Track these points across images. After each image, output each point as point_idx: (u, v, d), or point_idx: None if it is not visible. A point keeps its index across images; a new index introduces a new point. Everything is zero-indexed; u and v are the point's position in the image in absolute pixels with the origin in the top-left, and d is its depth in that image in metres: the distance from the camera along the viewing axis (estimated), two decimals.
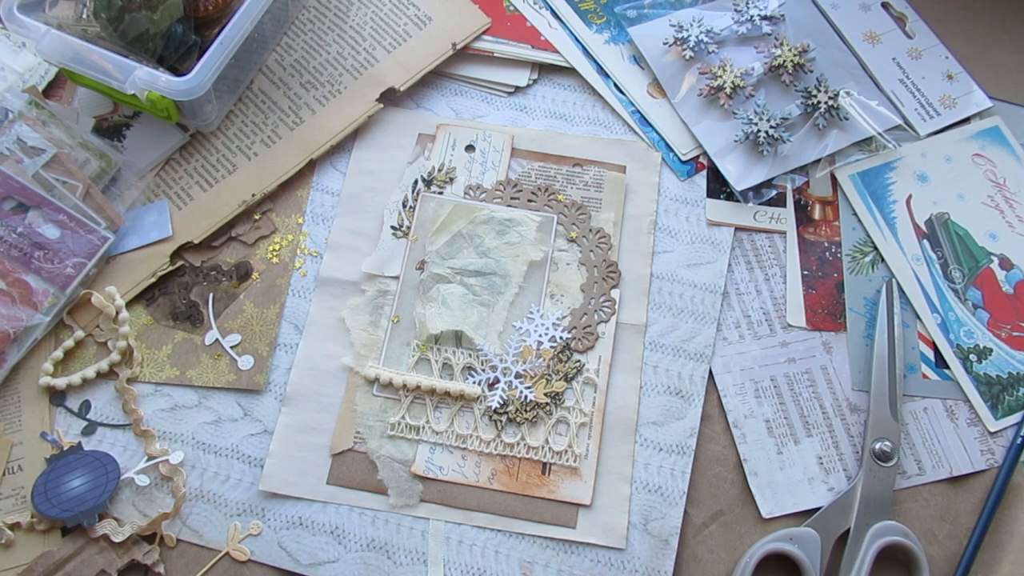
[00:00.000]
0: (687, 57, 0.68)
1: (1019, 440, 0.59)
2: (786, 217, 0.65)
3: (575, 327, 0.60)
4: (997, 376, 0.61)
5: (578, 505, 0.56)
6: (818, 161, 0.67)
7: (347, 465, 0.57)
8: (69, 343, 0.59)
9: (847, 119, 0.67)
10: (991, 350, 0.62)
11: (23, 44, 0.67)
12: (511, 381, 0.58)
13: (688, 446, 0.58)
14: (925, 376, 0.61)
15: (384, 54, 0.68)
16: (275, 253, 0.63)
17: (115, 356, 0.58)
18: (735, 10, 0.70)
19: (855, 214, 0.66)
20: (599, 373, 0.59)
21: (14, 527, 0.54)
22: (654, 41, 0.69)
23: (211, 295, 0.61)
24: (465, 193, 0.65)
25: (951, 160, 0.68)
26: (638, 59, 0.70)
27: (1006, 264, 0.64)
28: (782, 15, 0.70)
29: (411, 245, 0.63)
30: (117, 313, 0.59)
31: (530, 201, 0.64)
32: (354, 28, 0.69)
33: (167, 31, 0.61)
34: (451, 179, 0.65)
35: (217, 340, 0.60)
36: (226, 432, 0.58)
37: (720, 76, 0.67)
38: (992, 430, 0.59)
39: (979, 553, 0.56)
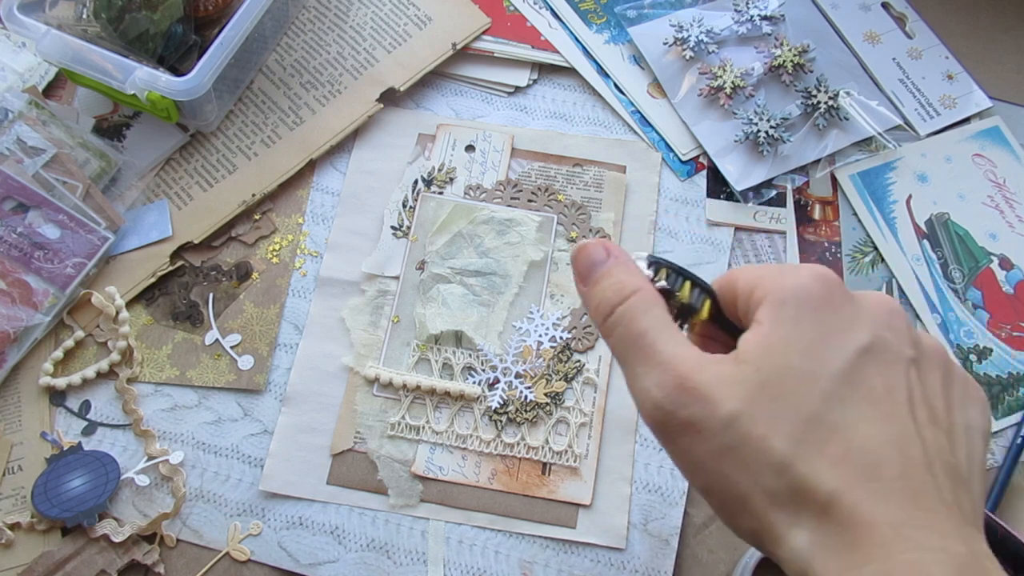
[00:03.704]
0: (687, 57, 0.68)
1: (1019, 440, 0.59)
2: (786, 217, 0.65)
3: (575, 327, 0.60)
4: (997, 376, 0.61)
5: (578, 505, 0.56)
6: (818, 161, 0.66)
7: (347, 465, 0.57)
8: (69, 343, 0.59)
9: (847, 119, 0.67)
10: (991, 350, 0.62)
11: (23, 44, 0.67)
12: (511, 381, 0.58)
13: None
14: None
15: (384, 54, 0.68)
16: (275, 253, 0.63)
17: (115, 356, 0.58)
18: (735, 10, 0.70)
19: (855, 214, 0.66)
20: (599, 373, 0.59)
21: (14, 527, 0.54)
22: (654, 41, 0.69)
23: (211, 295, 0.61)
24: (465, 193, 0.65)
25: (951, 160, 0.68)
26: (638, 59, 0.70)
27: (1006, 264, 0.64)
28: (782, 15, 0.70)
29: (411, 245, 0.63)
30: (117, 313, 0.59)
31: (530, 201, 0.64)
32: (354, 28, 0.69)
33: (167, 31, 0.61)
34: (451, 179, 0.65)
35: (217, 340, 0.60)
36: (226, 432, 0.58)
37: (720, 76, 0.67)
38: (992, 430, 0.59)
39: None
